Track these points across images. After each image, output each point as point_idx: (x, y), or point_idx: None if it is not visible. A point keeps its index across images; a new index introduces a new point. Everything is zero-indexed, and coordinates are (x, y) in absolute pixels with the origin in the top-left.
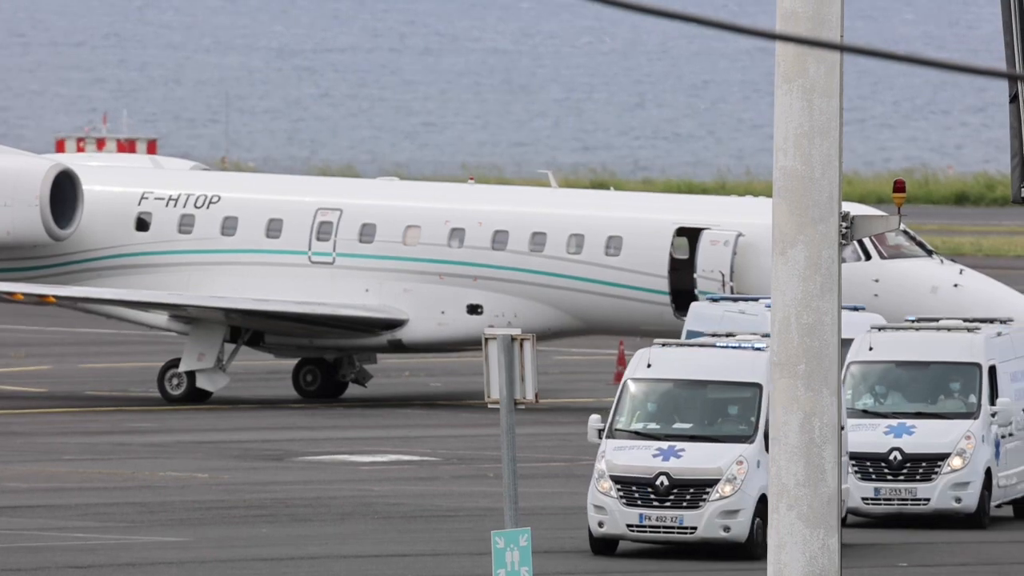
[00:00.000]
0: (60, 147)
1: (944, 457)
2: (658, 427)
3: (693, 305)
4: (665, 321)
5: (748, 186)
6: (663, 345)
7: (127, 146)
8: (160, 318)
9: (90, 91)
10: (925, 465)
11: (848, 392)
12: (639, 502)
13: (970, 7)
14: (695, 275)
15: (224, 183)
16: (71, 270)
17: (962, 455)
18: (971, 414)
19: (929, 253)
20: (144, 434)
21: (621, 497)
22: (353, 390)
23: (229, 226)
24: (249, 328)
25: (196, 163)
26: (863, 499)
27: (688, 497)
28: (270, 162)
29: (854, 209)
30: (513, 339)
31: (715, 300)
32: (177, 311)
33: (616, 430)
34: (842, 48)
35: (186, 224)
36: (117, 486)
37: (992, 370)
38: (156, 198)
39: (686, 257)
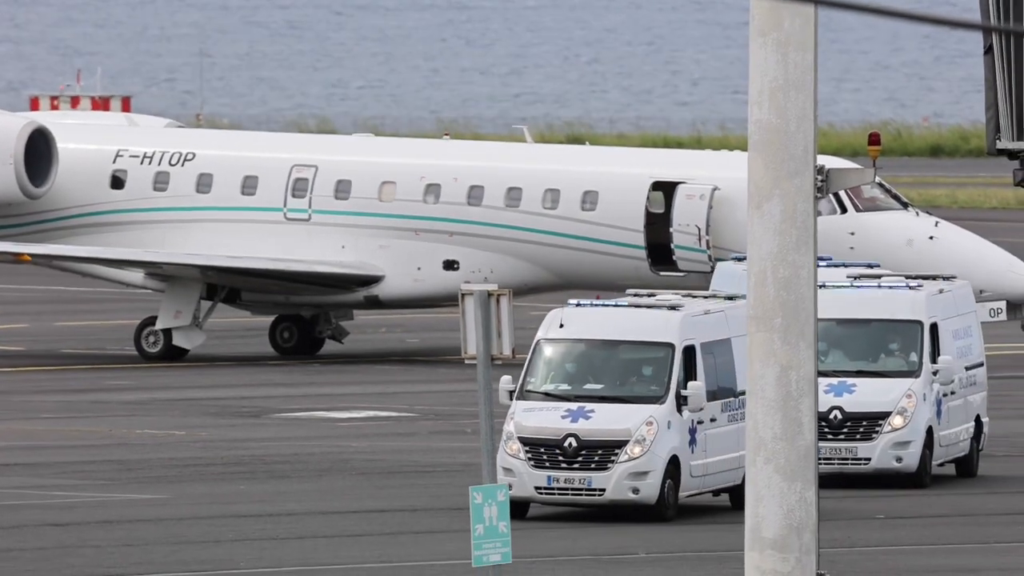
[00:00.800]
0: (34, 105)
1: (885, 416)
2: (569, 388)
3: (719, 264)
4: (641, 275)
5: (724, 140)
6: (577, 304)
7: (101, 104)
8: (136, 276)
9: (64, 48)
10: (866, 424)
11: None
12: (547, 464)
13: None
14: (671, 229)
15: (199, 140)
16: (46, 228)
17: (903, 414)
18: (912, 372)
19: (904, 206)
20: (121, 392)
21: (529, 459)
22: (330, 346)
23: (204, 183)
24: (225, 285)
25: (171, 120)
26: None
27: (596, 459)
28: (245, 118)
29: (829, 162)
30: (490, 295)
31: (740, 260)
32: (153, 269)
33: (527, 391)
34: (817, 1)
35: (161, 181)
36: (94, 444)
37: (934, 328)
38: (131, 156)
39: (662, 211)
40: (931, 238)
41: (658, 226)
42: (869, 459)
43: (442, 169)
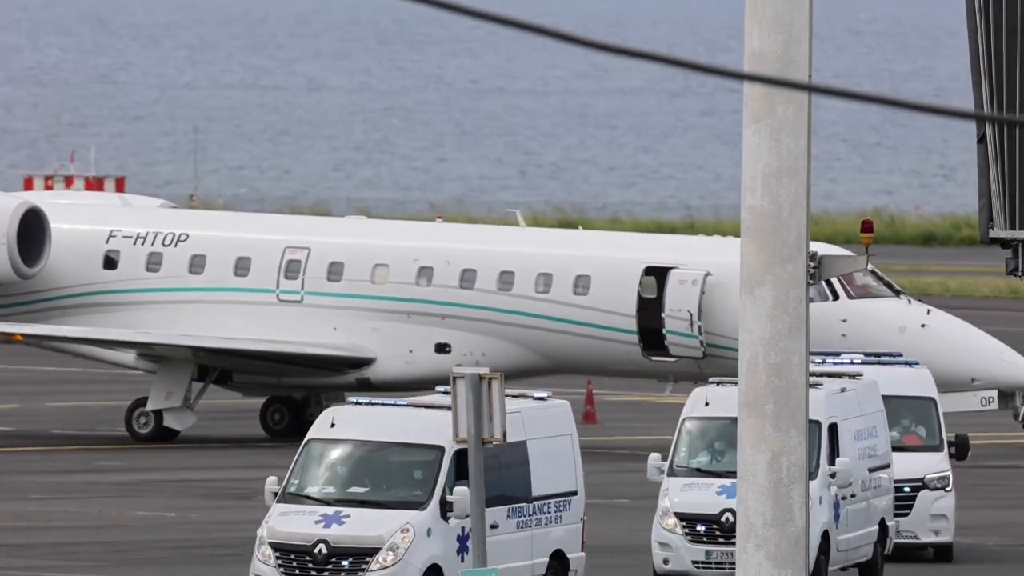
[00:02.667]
0: (28, 185)
1: None
2: (333, 491)
3: None
4: (633, 360)
5: (716, 226)
6: (355, 403)
7: (95, 184)
8: (127, 356)
9: (59, 129)
10: None
11: (682, 449)
12: (297, 572)
13: (936, 46)
14: (663, 314)
15: (192, 221)
16: (39, 308)
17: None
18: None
19: (897, 293)
20: (111, 473)
21: (280, 567)
22: None
23: (197, 264)
24: (217, 366)
25: (164, 201)
26: (693, 563)
27: (347, 566)
28: (239, 199)
29: (822, 249)
30: (481, 378)
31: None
32: (144, 349)
33: (289, 494)
34: (810, 88)
35: (154, 262)
36: (84, 525)
37: (832, 428)
38: (124, 236)
39: (654, 296)
40: (923, 326)
41: (650, 311)
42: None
43: (435, 252)
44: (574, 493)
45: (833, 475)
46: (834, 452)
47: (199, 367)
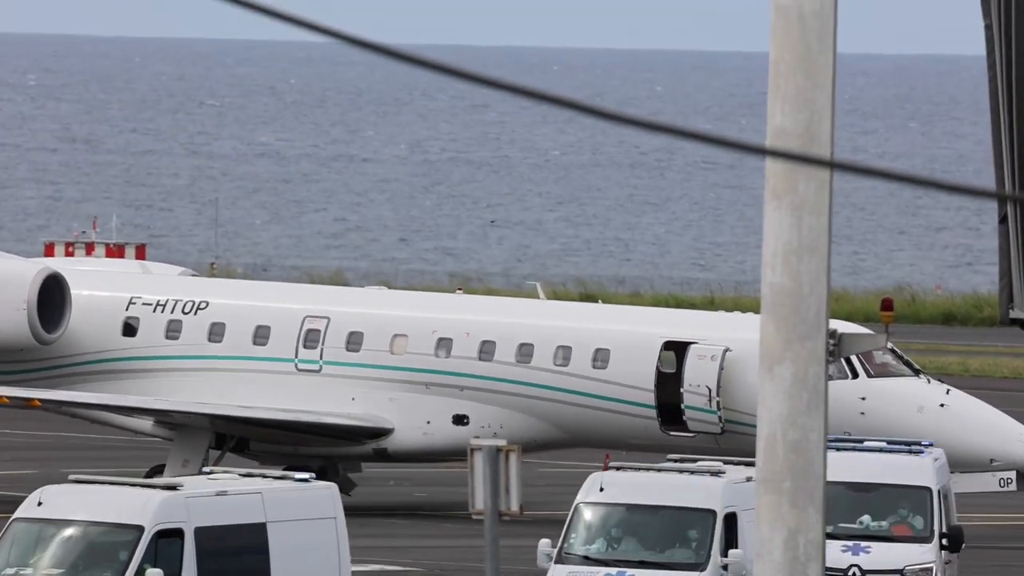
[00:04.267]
0: (49, 251)
1: None
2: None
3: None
4: (651, 435)
5: (736, 301)
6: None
7: (116, 251)
8: (145, 423)
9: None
10: None
11: (572, 536)
12: None
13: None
14: (682, 389)
15: (212, 289)
16: (58, 374)
17: None
18: (699, 565)
19: (916, 372)
20: None
21: None
22: None
23: (216, 332)
24: (234, 435)
25: (185, 268)
26: None
27: None
28: (258, 269)
29: (842, 327)
30: (499, 450)
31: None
32: (162, 417)
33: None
34: (833, 165)
35: (173, 330)
36: None
37: (729, 518)
38: (144, 303)
39: (673, 371)
40: (942, 405)
41: (669, 386)
42: None
43: (454, 323)
44: None
45: (726, 567)
46: (731, 543)
47: (216, 435)
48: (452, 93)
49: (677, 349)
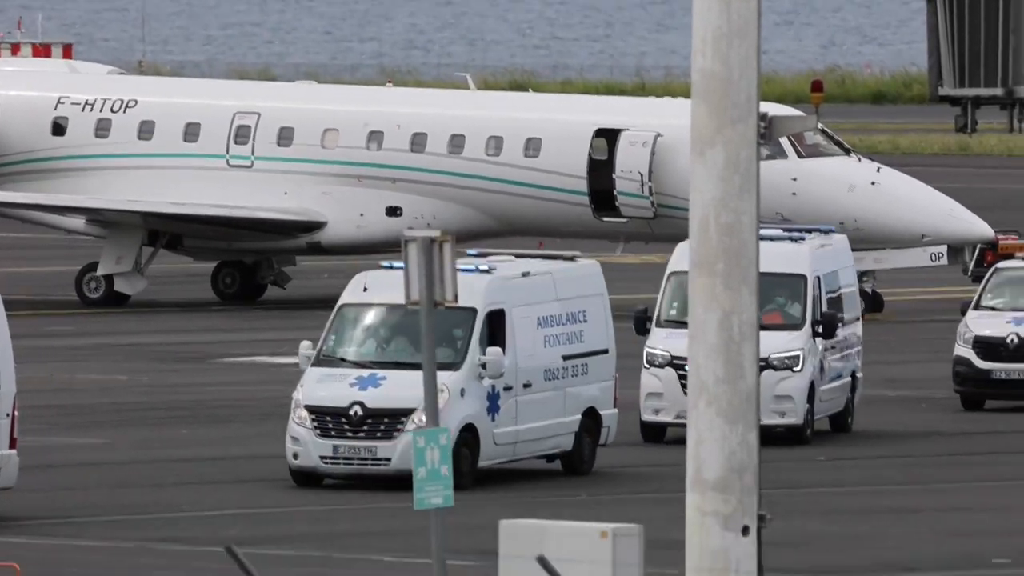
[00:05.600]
0: None
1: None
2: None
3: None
4: (584, 221)
5: (667, 87)
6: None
7: (42, 51)
8: (77, 222)
9: None
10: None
11: (331, 337)
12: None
13: None
14: (614, 176)
15: (141, 87)
16: None
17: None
18: (455, 364)
19: (847, 152)
20: (62, 337)
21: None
22: (272, 292)
23: (146, 130)
24: (167, 232)
25: (112, 67)
26: (321, 458)
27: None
28: (187, 65)
29: (772, 109)
30: (432, 241)
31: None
32: (94, 215)
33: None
34: None
35: (102, 128)
36: (35, 389)
37: (494, 316)
38: (72, 103)
39: (605, 158)
40: (873, 183)
41: (601, 173)
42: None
43: (385, 116)
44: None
45: (484, 365)
46: (496, 342)
47: (149, 232)
48: None
49: (608, 136)
